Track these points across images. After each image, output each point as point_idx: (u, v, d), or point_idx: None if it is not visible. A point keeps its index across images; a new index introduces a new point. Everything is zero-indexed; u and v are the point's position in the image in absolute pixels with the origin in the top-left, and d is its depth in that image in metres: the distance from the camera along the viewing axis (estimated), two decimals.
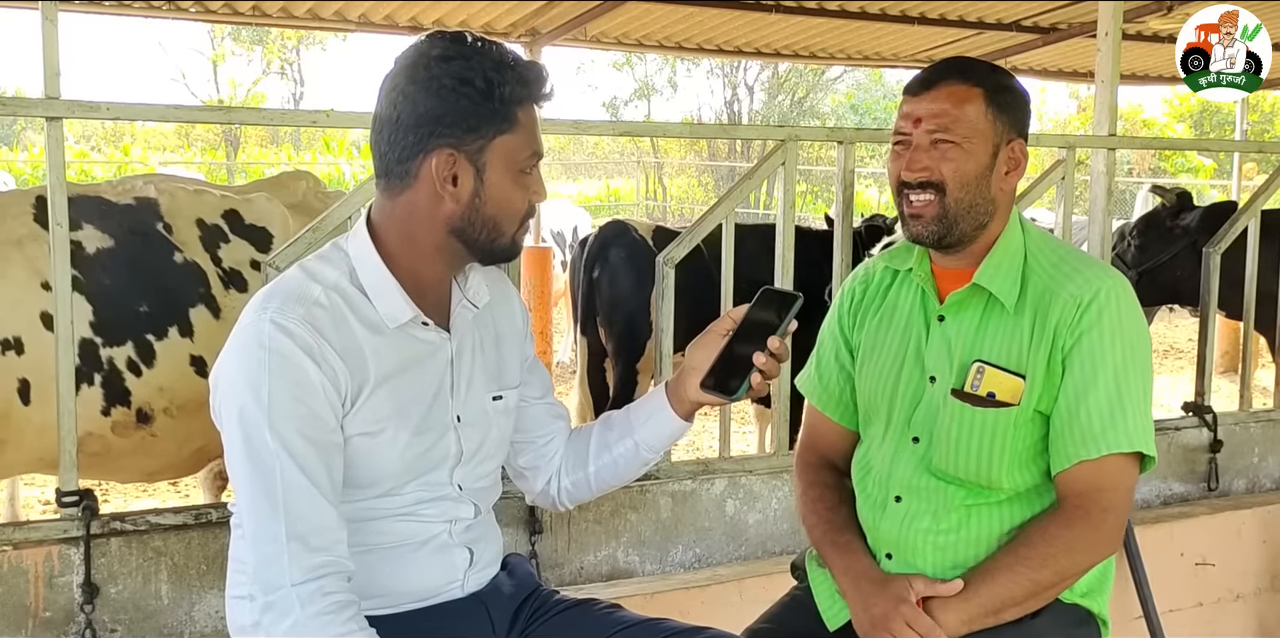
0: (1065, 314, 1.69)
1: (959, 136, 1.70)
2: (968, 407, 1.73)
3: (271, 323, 1.45)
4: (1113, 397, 1.67)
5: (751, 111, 26.89)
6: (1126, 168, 20.58)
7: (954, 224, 1.73)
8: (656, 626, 1.67)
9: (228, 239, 3.12)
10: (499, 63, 1.49)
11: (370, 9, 6.39)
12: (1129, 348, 1.68)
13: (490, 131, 1.49)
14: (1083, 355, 1.68)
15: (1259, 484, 3.44)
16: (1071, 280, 1.72)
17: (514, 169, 1.52)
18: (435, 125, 1.48)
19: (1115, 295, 1.70)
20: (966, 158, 1.71)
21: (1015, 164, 1.76)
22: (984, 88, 1.72)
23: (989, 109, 1.71)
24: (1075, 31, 7.09)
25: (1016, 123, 1.75)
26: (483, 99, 1.48)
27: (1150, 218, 5.25)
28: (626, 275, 4.86)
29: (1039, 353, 1.70)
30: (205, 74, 28.54)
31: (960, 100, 1.71)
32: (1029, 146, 1.80)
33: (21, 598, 2.14)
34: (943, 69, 1.76)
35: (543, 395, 1.78)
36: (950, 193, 1.71)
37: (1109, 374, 1.67)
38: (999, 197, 1.75)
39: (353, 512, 1.51)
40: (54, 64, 2.14)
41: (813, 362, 1.96)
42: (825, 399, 1.93)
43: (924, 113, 1.72)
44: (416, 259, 1.55)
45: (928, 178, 1.71)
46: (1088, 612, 1.78)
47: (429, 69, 1.48)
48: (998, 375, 1.71)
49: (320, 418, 1.46)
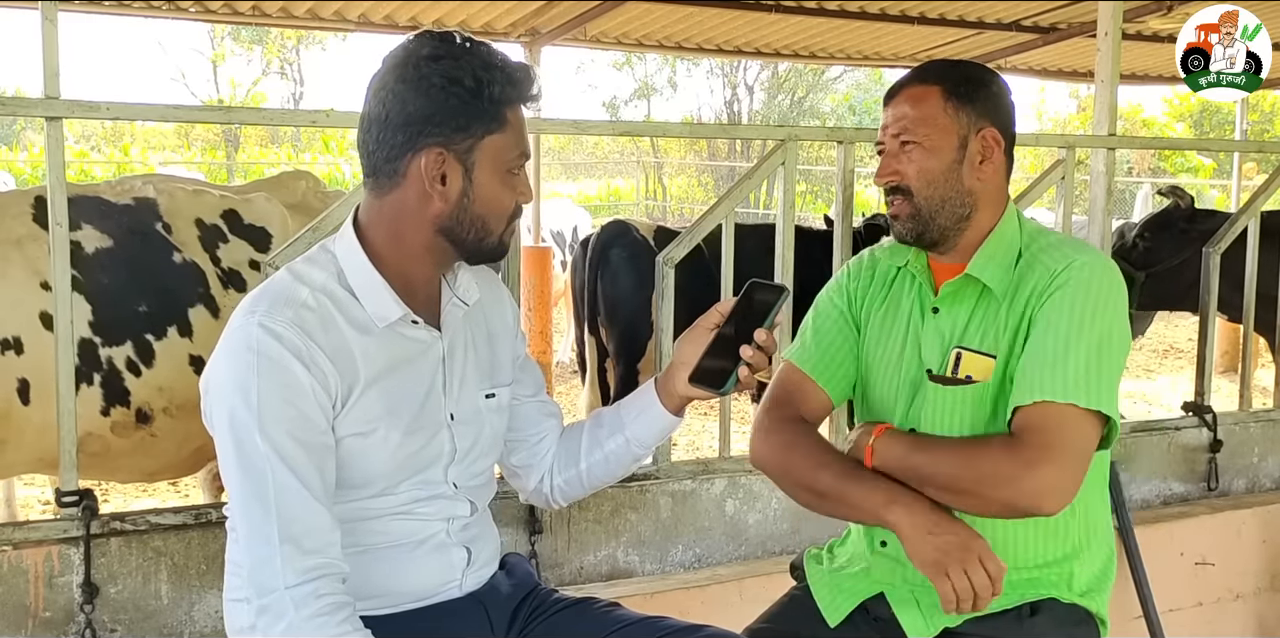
0: (1039, 284, 1.71)
1: (919, 136, 1.74)
2: (940, 388, 1.75)
3: (259, 326, 1.45)
4: (1058, 350, 1.65)
5: (751, 111, 26.89)
6: (1126, 168, 20.57)
7: (929, 221, 1.76)
8: (655, 624, 1.67)
9: (227, 239, 3.12)
10: (487, 63, 1.49)
11: (370, 9, 6.38)
12: (1089, 312, 1.67)
13: (479, 131, 1.50)
14: (1042, 314, 1.69)
15: (1259, 484, 3.44)
16: (1050, 256, 1.74)
17: (502, 169, 1.53)
18: (424, 124, 1.48)
19: (1090, 267, 1.70)
20: (928, 155, 1.74)
21: (990, 152, 1.76)
22: (942, 84, 1.75)
23: (948, 103, 1.74)
24: (1075, 31, 7.09)
25: (987, 111, 1.76)
26: (472, 98, 1.48)
27: (1163, 219, 5.04)
28: (627, 275, 4.86)
29: (1011, 326, 1.72)
30: (205, 74, 28.56)
31: (917, 100, 1.75)
32: (1030, 146, 1.81)
33: (21, 598, 2.14)
34: (907, 75, 1.81)
35: (534, 393, 1.78)
36: (917, 192, 1.75)
37: (1061, 331, 1.66)
38: (977, 187, 1.76)
39: (349, 512, 1.51)
40: (54, 64, 2.14)
41: (807, 331, 1.91)
42: (820, 366, 1.86)
43: (889, 119, 1.78)
44: (405, 258, 1.56)
45: (895, 182, 1.77)
46: (1087, 612, 1.79)
47: (418, 68, 1.48)
48: (973, 359, 1.74)
49: (310, 420, 1.46)
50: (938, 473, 1.66)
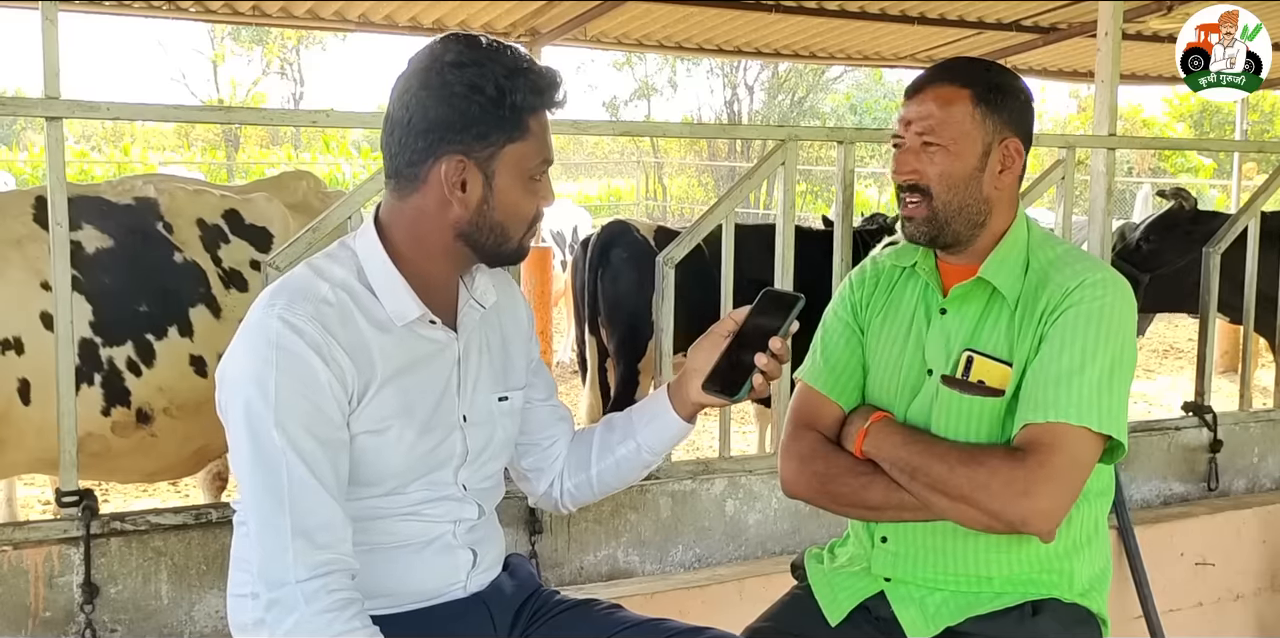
0: (1051, 300, 1.70)
1: (945, 139, 1.72)
2: (956, 394, 1.74)
3: (279, 320, 1.45)
4: (1072, 369, 1.65)
5: (751, 111, 26.90)
6: (1126, 168, 20.57)
7: (945, 225, 1.75)
8: (657, 626, 1.67)
9: (228, 239, 3.12)
10: (512, 69, 1.48)
11: (370, 9, 6.38)
12: (1103, 334, 1.67)
13: (500, 139, 1.49)
14: (1055, 332, 1.68)
15: (1259, 484, 3.44)
16: (1062, 272, 1.73)
17: (523, 176, 1.52)
18: (445, 132, 1.48)
19: (1102, 285, 1.70)
20: (952, 160, 1.72)
21: (1011, 163, 1.76)
22: (972, 88, 1.73)
23: (976, 109, 1.72)
24: (1075, 31, 7.08)
25: (1012, 121, 1.75)
26: (493, 107, 1.47)
27: (1167, 220, 5.00)
28: (628, 276, 4.86)
29: (1026, 340, 1.71)
30: (205, 74, 28.62)
31: (946, 102, 1.73)
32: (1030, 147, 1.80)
33: (21, 598, 2.14)
34: (935, 71, 1.78)
35: (547, 398, 1.78)
36: (937, 195, 1.73)
37: (1075, 350, 1.66)
38: (994, 195, 1.76)
39: (357, 511, 1.51)
40: (54, 64, 2.14)
41: (817, 349, 1.91)
42: (832, 382, 1.86)
43: (913, 115, 1.75)
44: (424, 259, 1.56)
45: (915, 181, 1.74)
46: (1087, 611, 1.78)
47: (441, 74, 1.48)
48: (986, 364, 1.73)
49: (326, 415, 1.46)
50: (930, 471, 1.66)
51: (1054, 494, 1.62)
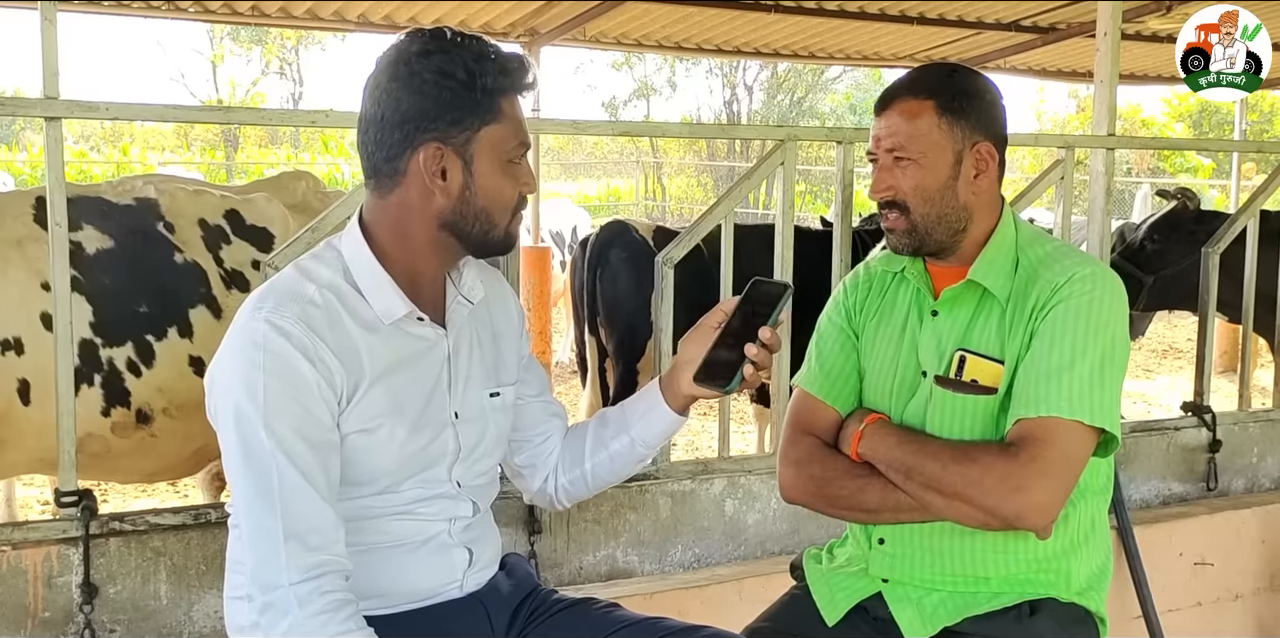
0: (1041, 296, 1.71)
1: (914, 153, 1.73)
2: (950, 394, 1.75)
3: (266, 322, 1.45)
4: (1063, 364, 1.66)
5: (751, 111, 26.90)
6: (1126, 168, 20.58)
7: (926, 235, 1.76)
8: (655, 624, 1.67)
9: (230, 240, 3.12)
10: (479, 55, 1.49)
11: (369, 9, 6.39)
12: (1093, 328, 1.68)
13: (475, 123, 1.50)
14: (1045, 327, 1.69)
15: (1258, 484, 3.44)
16: (1051, 269, 1.74)
17: (502, 160, 1.53)
18: (420, 120, 1.48)
19: (1091, 279, 1.71)
20: (924, 173, 1.74)
21: (985, 166, 1.76)
22: (935, 98, 1.74)
23: (942, 119, 1.73)
24: (1074, 31, 7.09)
25: (980, 125, 1.75)
26: (465, 91, 1.48)
27: (1171, 221, 4.92)
28: (627, 276, 4.86)
29: (1017, 337, 1.72)
30: (204, 74, 28.61)
31: (911, 116, 1.74)
32: (1029, 146, 1.82)
33: (21, 598, 2.14)
34: (898, 85, 1.79)
35: (539, 393, 1.78)
36: (914, 209, 1.75)
37: (1065, 345, 1.67)
38: (972, 201, 1.76)
39: (351, 510, 1.51)
40: (53, 64, 2.14)
41: (812, 355, 1.93)
42: (828, 387, 1.87)
43: (882, 132, 1.76)
44: (410, 256, 1.56)
45: (891, 197, 1.76)
46: (1085, 610, 1.79)
47: (409, 65, 1.48)
48: (978, 362, 1.74)
49: (316, 417, 1.46)
50: (924, 470, 1.67)
51: (1048, 489, 1.62)
